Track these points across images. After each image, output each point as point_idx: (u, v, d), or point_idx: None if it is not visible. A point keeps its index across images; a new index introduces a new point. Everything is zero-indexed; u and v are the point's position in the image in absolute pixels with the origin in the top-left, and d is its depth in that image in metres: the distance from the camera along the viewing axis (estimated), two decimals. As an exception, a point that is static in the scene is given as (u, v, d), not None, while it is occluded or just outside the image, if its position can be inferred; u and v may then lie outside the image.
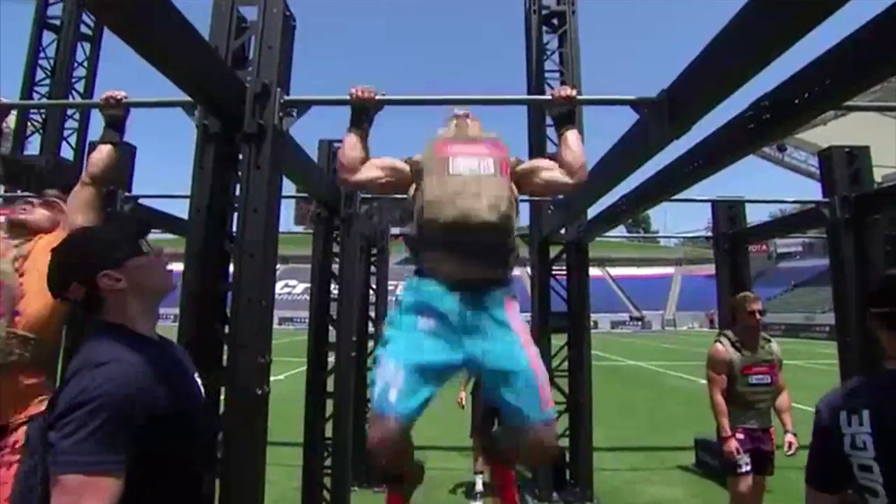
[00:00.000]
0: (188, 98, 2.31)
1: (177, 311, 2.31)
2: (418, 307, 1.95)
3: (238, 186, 2.43)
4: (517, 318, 2.00)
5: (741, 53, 1.82)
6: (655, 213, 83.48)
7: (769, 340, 3.71)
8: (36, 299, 2.09)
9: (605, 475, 5.72)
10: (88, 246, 1.30)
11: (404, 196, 2.26)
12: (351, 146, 2.22)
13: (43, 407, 1.96)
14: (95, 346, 1.20)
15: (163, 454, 1.17)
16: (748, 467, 3.51)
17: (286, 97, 2.45)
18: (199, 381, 1.42)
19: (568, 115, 2.39)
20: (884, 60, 1.66)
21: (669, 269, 65.47)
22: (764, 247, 55.82)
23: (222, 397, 2.28)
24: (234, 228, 2.40)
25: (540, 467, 5.25)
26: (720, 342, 3.69)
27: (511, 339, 1.93)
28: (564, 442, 5.51)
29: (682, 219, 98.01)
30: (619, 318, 52.55)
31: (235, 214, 2.41)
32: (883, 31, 1.64)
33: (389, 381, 1.83)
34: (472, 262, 1.94)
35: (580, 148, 2.27)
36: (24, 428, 2.06)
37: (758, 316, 3.60)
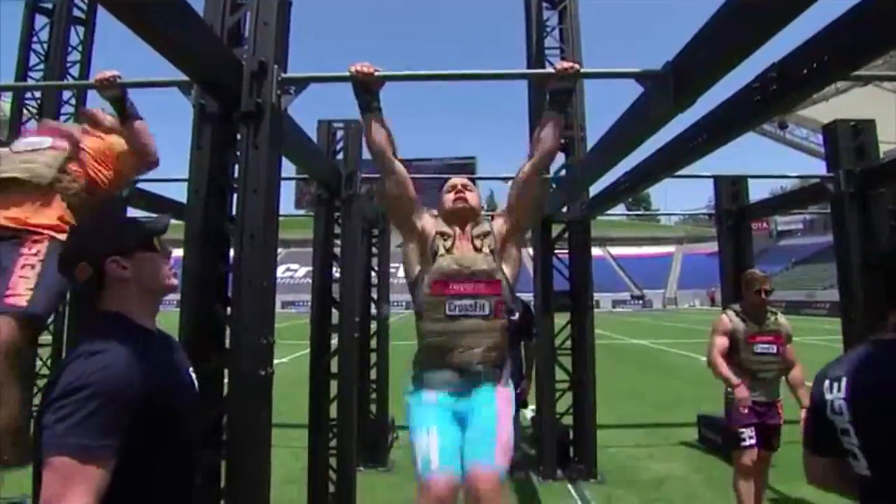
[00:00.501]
0: (184, 77, 2.28)
1: (178, 295, 2.29)
2: (425, 392, 2.23)
3: (237, 167, 2.40)
4: (503, 399, 2.24)
5: (749, 22, 1.77)
6: (656, 191, 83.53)
7: (776, 313, 3.74)
8: (95, 161, 2.55)
9: (608, 452, 5.76)
10: (102, 230, 1.36)
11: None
12: (375, 130, 2.31)
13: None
14: (95, 334, 1.22)
15: (154, 443, 1.18)
16: (752, 441, 3.53)
17: (284, 75, 2.39)
18: (193, 375, 1.44)
19: (565, 95, 2.40)
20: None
21: (670, 248, 65.53)
22: (765, 224, 55.75)
23: (226, 380, 2.27)
24: (234, 210, 2.37)
25: (545, 444, 5.30)
26: (726, 314, 3.80)
27: (491, 411, 2.17)
28: (568, 420, 5.56)
29: (682, 197, 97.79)
30: (620, 297, 52.73)
31: (235, 195, 2.38)
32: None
33: (426, 447, 2.06)
34: (466, 378, 2.20)
35: (558, 136, 2.44)
36: (48, 243, 2.24)
37: (763, 295, 3.64)
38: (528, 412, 6.44)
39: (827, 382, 1.43)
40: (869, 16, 1.68)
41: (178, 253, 2.04)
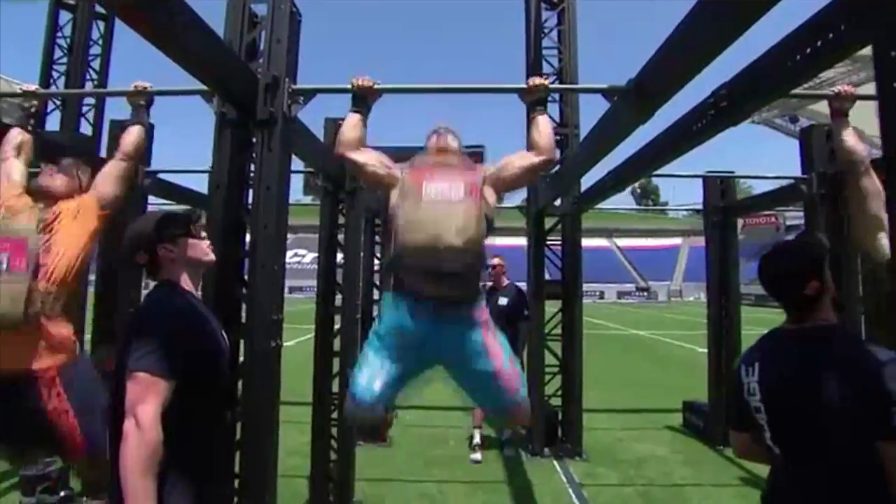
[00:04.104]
0: (206, 87, 2.60)
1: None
2: (395, 322, 2.15)
3: (253, 166, 2.74)
4: (486, 328, 2.20)
5: (699, 44, 1.97)
6: (665, 184, 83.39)
7: None
8: (63, 257, 2.39)
9: (596, 434, 6.11)
10: (151, 226, 1.78)
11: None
12: (352, 126, 2.46)
13: (69, 357, 2.38)
14: (158, 295, 1.76)
15: (204, 381, 1.64)
16: None
17: (294, 87, 2.71)
18: (227, 339, 1.91)
19: (540, 101, 2.58)
20: (828, 52, 1.82)
21: (677, 240, 65.35)
22: (773, 219, 55.46)
23: (241, 349, 2.64)
24: (250, 203, 2.72)
25: (534, 424, 5.63)
26: None
27: (477, 348, 2.15)
28: (557, 402, 5.90)
29: (690, 190, 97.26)
30: (625, 288, 52.86)
31: (251, 191, 2.72)
32: (827, 24, 1.80)
33: (372, 373, 2.12)
34: (442, 283, 2.09)
35: (548, 131, 2.50)
36: (58, 379, 2.33)
37: None
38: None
39: (743, 367, 1.65)
40: (799, 45, 1.95)
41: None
